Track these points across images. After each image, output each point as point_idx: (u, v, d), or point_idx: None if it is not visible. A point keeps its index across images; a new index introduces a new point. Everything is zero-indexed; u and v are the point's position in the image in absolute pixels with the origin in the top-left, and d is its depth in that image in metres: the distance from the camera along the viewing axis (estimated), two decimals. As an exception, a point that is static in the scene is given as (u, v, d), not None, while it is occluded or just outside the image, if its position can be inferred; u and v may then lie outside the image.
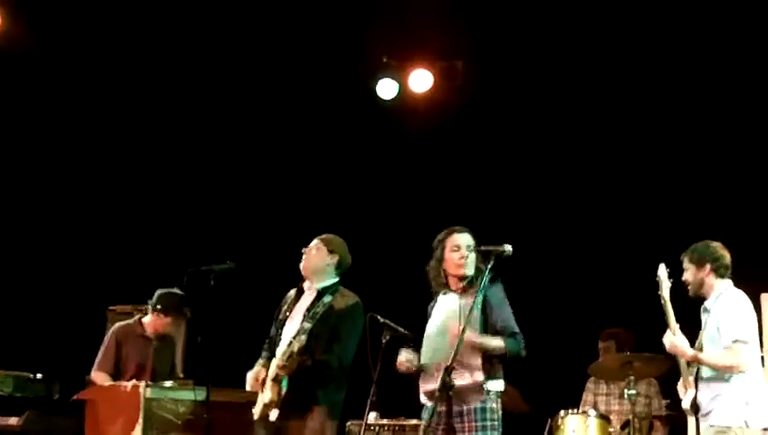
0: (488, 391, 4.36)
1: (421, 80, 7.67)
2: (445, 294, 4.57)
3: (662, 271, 4.68)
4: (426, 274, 4.63)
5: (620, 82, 7.14)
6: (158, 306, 5.79)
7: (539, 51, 7.28)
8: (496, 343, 4.36)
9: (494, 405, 4.38)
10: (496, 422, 4.37)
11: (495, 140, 7.65)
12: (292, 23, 7.29)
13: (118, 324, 5.94)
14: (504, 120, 7.59)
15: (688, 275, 4.68)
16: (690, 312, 4.76)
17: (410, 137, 7.74)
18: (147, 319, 5.89)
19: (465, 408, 4.31)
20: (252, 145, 7.89)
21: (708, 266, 4.63)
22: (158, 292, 5.85)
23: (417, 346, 4.53)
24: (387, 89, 7.67)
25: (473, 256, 4.49)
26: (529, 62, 7.35)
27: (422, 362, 4.44)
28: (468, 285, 4.50)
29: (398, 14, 7.04)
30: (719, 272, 4.63)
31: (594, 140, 7.36)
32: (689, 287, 4.69)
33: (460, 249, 4.50)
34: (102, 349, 5.82)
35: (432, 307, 4.62)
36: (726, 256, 4.67)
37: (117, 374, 5.74)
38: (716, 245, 4.70)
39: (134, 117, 7.79)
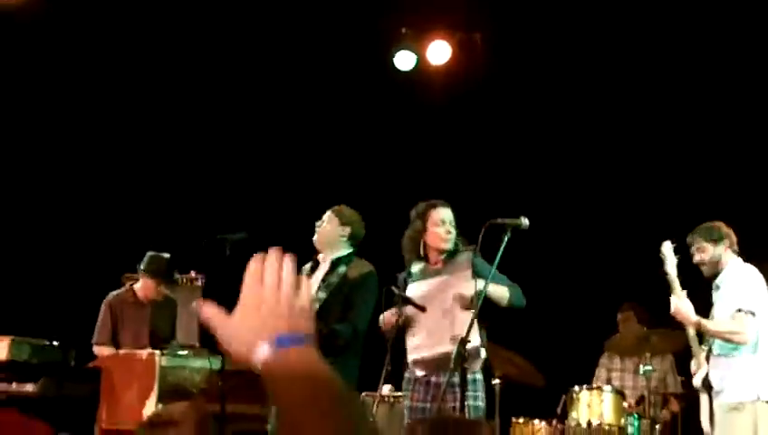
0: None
1: (439, 51, 7.60)
2: (419, 264, 4.62)
3: (667, 248, 4.70)
4: (400, 245, 4.67)
5: (642, 55, 7.07)
6: (142, 268, 5.84)
7: (558, 24, 7.20)
8: (502, 292, 4.40)
9: (481, 376, 4.46)
10: (482, 393, 4.44)
11: (513, 112, 7.59)
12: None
13: (110, 294, 5.98)
14: (523, 92, 7.53)
15: (704, 254, 4.66)
16: (700, 293, 4.74)
17: (427, 108, 7.69)
18: (138, 285, 5.92)
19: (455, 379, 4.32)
20: (269, 115, 7.87)
21: (726, 242, 4.62)
22: (147, 254, 5.89)
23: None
24: (405, 60, 7.61)
25: (454, 231, 4.54)
26: (547, 35, 7.28)
27: (415, 330, 4.46)
28: (448, 258, 4.52)
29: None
30: (733, 248, 4.63)
31: (614, 113, 7.30)
32: (704, 267, 4.68)
33: (445, 224, 4.55)
34: (99, 322, 5.87)
35: (405, 278, 4.68)
36: (733, 234, 4.67)
37: (115, 343, 5.78)
38: (721, 223, 4.70)
39: (152, 88, 7.76)
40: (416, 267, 4.65)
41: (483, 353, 4.43)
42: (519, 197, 5.78)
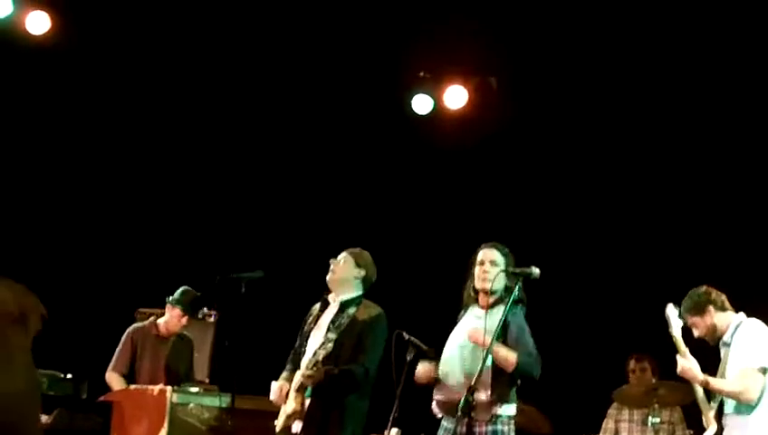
0: (499, 415, 4.35)
1: (456, 96, 7.69)
2: (473, 307, 4.62)
3: (670, 310, 4.69)
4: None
5: (658, 104, 7.12)
6: (172, 298, 5.94)
7: (573, 70, 7.27)
8: (507, 352, 4.32)
9: (506, 429, 4.36)
10: None
11: (528, 158, 7.64)
12: (330, 37, 7.35)
13: (133, 326, 6.06)
14: (537, 138, 7.58)
15: (699, 329, 4.67)
16: (707, 353, 4.75)
17: (444, 152, 7.75)
18: (162, 320, 5.99)
19: (477, 430, 4.30)
20: (286, 156, 7.95)
21: (710, 308, 4.63)
22: (180, 288, 6.02)
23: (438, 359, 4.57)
24: (422, 104, 7.70)
25: (496, 270, 4.49)
26: (563, 80, 7.35)
27: (440, 370, 4.48)
28: (496, 301, 4.52)
29: (435, 31, 7.08)
30: (722, 307, 4.63)
31: (629, 160, 7.32)
32: (707, 338, 4.69)
33: (484, 264, 4.54)
34: (118, 350, 5.93)
35: (460, 317, 4.69)
36: (718, 292, 4.69)
37: (131, 375, 5.83)
38: (702, 287, 4.72)
39: (172, 124, 7.88)
40: (470, 309, 4.65)
41: (505, 409, 4.38)
42: (532, 244, 5.79)
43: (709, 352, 4.74)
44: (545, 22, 7.10)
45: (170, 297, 5.97)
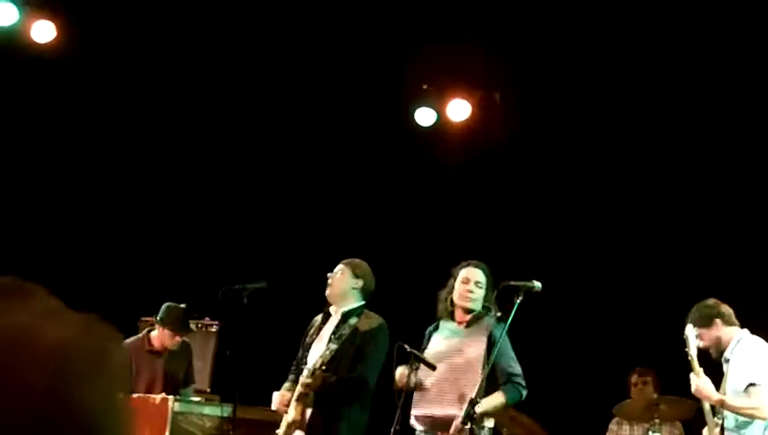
0: (482, 427, 4.43)
1: (459, 109, 7.73)
2: (447, 322, 4.71)
3: (689, 331, 4.72)
4: (436, 298, 4.78)
5: (659, 116, 7.14)
6: (159, 318, 5.87)
7: (577, 84, 7.30)
8: (498, 401, 4.47)
9: None
10: None
11: (530, 171, 7.67)
12: (334, 50, 7.38)
13: (125, 341, 5.99)
14: (541, 152, 7.61)
15: (704, 340, 4.70)
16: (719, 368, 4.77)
17: (446, 164, 7.78)
18: (155, 333, 5.94)
19: None
20: (289, 167, 7.98)
21: (718, 321, 4.67)
22: (164, 305, 5.93)
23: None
24: (425, 116, 7.74)
25: (481, 292, 4.62)
26: (566, 96, 7.38)
27: (422, 382, 4.56)
28: (474, 319, 4.59)
29: (439, 44, 7.12)
30: (728, 321, 4.67)
31: (632, 173, 7.34)
32: (711, 351, 4.73)
33: (469, 283, 4.65)
34: None
35: (431, 332, 4.76)
36: (725, 306, 4.73)
37: None
38: (709, 301, 4.76)
39: (176, 134, 7.91)
40: (443, 323, 4.73)
41: (488, 422, 4.46)
42: (532, 259, 5.83)
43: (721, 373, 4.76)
44: (549, 37, 7.14)
45: (157, 316, 5.89)
